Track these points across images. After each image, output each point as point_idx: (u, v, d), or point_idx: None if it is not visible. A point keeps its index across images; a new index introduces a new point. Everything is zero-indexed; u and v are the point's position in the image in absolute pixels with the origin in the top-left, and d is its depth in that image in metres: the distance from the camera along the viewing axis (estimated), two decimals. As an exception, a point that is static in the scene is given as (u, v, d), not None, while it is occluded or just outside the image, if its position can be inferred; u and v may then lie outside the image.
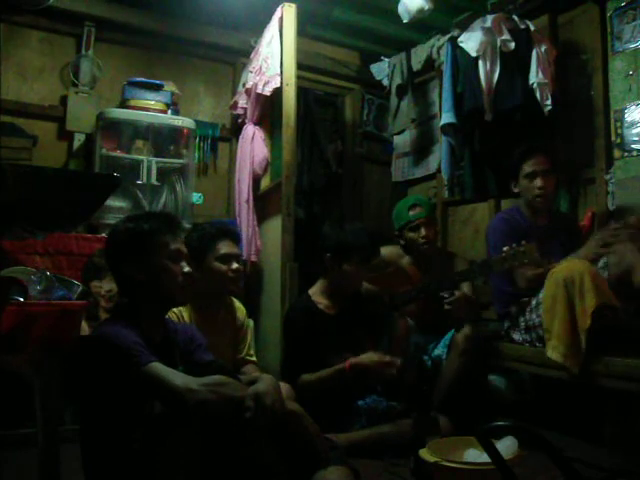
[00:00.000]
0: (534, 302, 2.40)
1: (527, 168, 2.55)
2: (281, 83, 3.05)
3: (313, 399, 2.09)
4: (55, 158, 3.35)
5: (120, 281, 1.61)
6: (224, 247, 2.18)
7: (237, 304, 2.34)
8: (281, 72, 3.05)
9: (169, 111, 3.47)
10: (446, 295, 2.52)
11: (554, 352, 2.15)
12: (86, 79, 3.43)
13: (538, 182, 2.52)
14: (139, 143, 3.33)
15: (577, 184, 3.13)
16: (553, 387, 2.55)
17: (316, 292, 2.51)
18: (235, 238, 2.27)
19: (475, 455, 1.65)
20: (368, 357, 2.24)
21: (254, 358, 2.31)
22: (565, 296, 2.13)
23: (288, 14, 3.06)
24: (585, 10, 3.14)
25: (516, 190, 2.65)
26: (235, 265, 2.19)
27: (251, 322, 2.43)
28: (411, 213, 2.75)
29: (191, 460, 1.34)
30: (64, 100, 3.40)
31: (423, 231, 2.72)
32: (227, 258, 2.17)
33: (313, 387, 2.26)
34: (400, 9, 3.18)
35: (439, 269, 2.76)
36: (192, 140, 3.55)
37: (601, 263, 2.24)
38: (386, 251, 2.84)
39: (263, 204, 3.45)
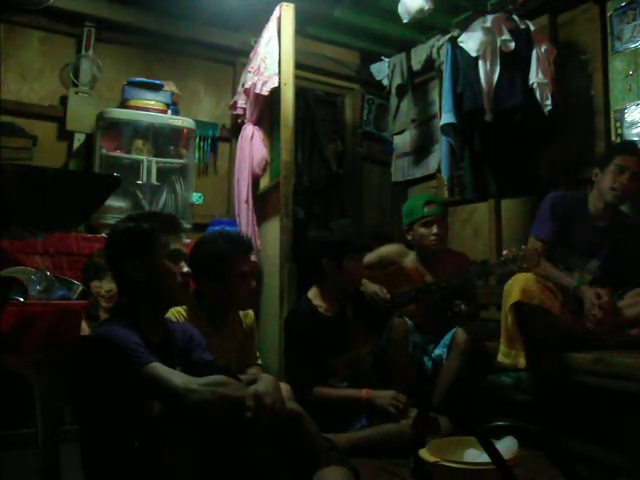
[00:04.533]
0: None
1: (620, 161, 2.39)
2: (279, 83, 3.05)
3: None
4: (55, 158, 3.36)
5: (120, 281, 1.61)
6: (244, 264, 2.15)
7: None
8: (279, 72, 3.05)
9: (169, 111, 3.47)
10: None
11: (500, 355, 2.29)
12: (86, 79, 3.43)
13: (624, 178, 2.36)
14: (139, 143, 3.33)
15: (577, 184, 3.13)
16: (553, 387, 2.54)
17: (315, 295, 2.51)
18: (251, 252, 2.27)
19: (475, 455, 1.65)
20: (385, 395, 2.27)
21: (259, 361, 2.32)
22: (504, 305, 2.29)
23: (286, 14, 3.06)
24: (585, 10, 3.14)
25: (594, 179, 2.49)
26: (253, 283, 2.20)
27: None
28: (426, 209, 2.71)
29: (191, 460, 1.34)
30: (64, 100, 3.41)
31: (435, 228, 2.68)
32: (247, 277, 2.15)
33: (327, 402, 2.29)
34: (400, 9, 3.17)
35: (445, 267, 2.75)
36: (192, 140, 3.55)
37: None
38: (387, 250, 2.84)
39: (262, 204, 3.45)
